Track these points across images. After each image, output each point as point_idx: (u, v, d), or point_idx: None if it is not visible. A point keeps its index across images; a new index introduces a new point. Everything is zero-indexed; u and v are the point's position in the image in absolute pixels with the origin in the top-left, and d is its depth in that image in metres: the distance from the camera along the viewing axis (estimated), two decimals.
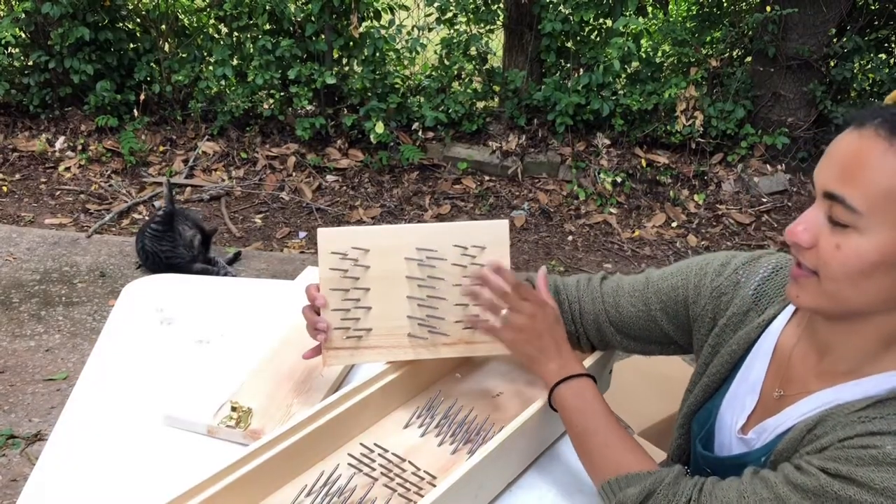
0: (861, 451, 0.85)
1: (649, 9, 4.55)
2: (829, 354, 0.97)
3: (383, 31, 4.26)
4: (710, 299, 1.12)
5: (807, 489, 0.86)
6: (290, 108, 4.40)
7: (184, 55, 4.39)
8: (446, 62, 4.37)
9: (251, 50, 4.23)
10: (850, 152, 0.85)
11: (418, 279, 1.18)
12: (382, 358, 1.20)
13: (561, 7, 4.17)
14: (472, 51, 4.34)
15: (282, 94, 4.34)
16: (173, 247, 3.26)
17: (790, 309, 1.06)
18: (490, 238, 1.18)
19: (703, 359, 1.13)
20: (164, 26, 4.42)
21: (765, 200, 4.28)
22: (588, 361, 1.23)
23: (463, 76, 4.44)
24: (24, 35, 4.29)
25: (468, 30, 4.34)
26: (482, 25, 4.36)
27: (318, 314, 1.18)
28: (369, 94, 4.25)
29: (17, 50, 4.36)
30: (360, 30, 4.24)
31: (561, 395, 1.08)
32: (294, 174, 4.27)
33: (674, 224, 4.13)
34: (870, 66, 4.33)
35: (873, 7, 4.38)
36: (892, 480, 0.82)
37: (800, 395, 0.97)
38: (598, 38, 4.38)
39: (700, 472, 1.11)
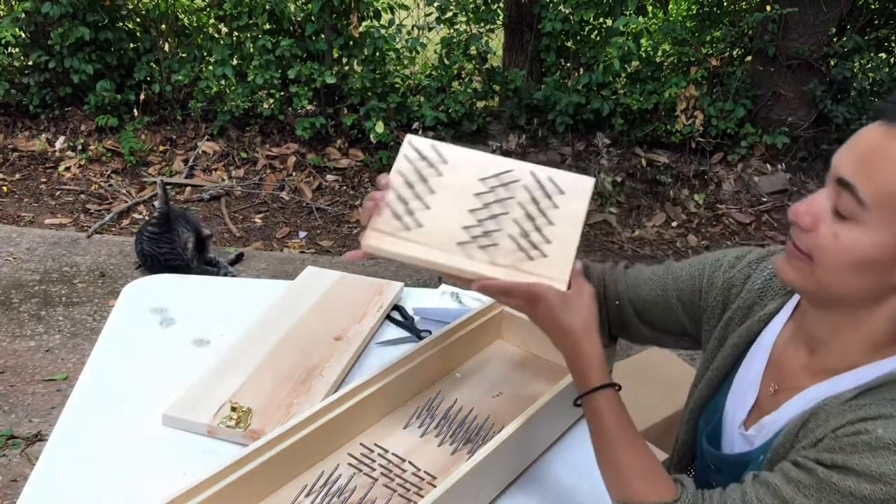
0: (854, 438, 0.85)
1: (649, 8, 4.55)
2: (819, 351, 0.97)
3: (383, 31, 4.26)
4: (721, 290, 1.13)
5: (808, 485, 0.85)
6: (290, 108, 4.40)
7: (184, 55, 4.38)
8: (446, 62, 4.36)
9: (251, 49, 4.23)
10: (873, 145, 0.84)
11: (486, 196, 1.12)
12: (420, 255, 1.07)
13: (561, 6, 4.17)
14: (472, 50, 4.34)
15: (282, 93, 4.34)
16: (172, 248, 3.24)
17: (791, 304, 1.06)
18: (571, 188, 1.12)
19: (709, 353, 1.14)
20: (164, 26, 4.42)
21: (765, 200, 4.28)
22: None
23: (463, 76, 4.43)
24: (24, 35, 4.28)
25: (468, 29, 4.34)
26: (482, 25, 4.35)
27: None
28: (369, 93, 4.25)
29: (17, 50, 4.35)
30: (360, 29, 4.24)
31: (592, 406, 1.00)
32: (294, 174, 4.27)
33: (674, 224, 4.12)
34: (870, 65, 4.33)
35: (873, 6, 4.38)
36: (886, 465, 0.81)
37: (792, 392, 0.98)
38: (598, 38, 4.37)
39: (705, 469, 1.12)
